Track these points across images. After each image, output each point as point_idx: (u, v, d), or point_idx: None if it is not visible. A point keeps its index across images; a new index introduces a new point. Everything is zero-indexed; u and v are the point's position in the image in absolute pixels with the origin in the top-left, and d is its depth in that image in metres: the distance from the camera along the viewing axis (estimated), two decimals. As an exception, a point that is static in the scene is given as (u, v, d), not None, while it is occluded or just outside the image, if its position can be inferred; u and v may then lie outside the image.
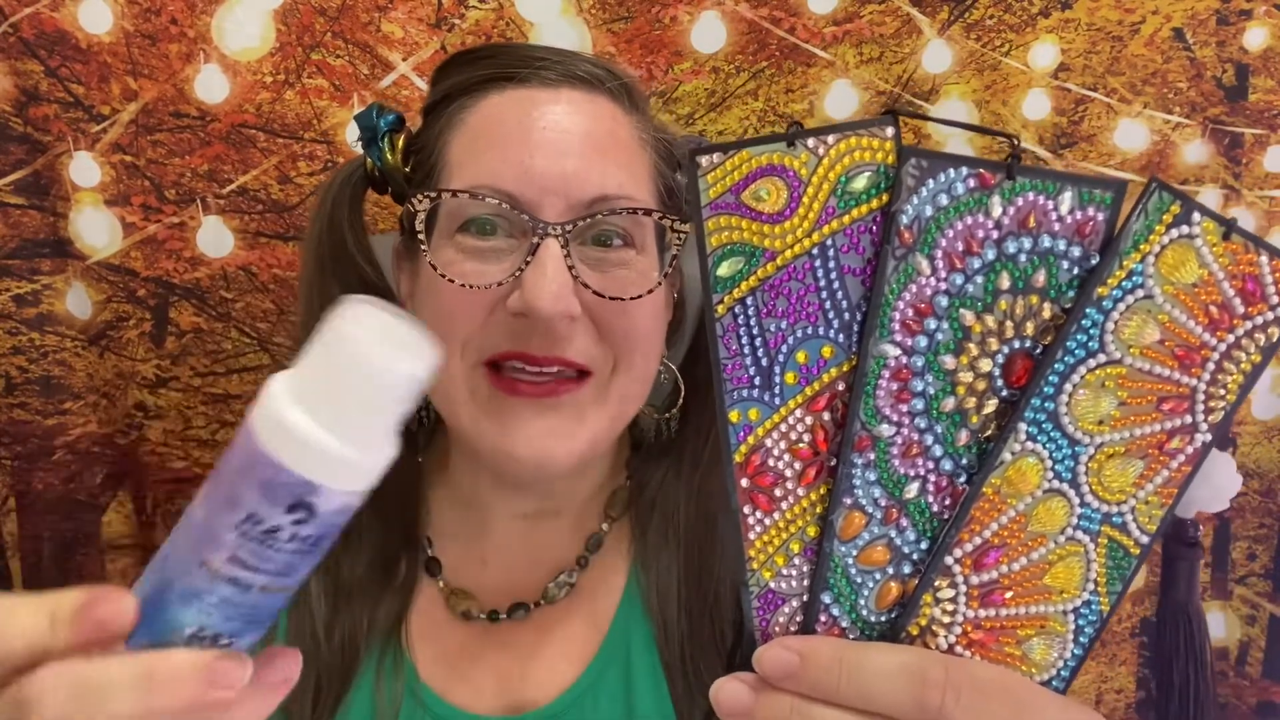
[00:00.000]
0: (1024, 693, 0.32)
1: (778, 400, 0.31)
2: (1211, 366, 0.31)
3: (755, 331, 0.31)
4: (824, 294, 0.31)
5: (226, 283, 0.93)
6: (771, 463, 0.32)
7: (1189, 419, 0.32)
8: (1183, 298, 0.31)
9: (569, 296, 0.51)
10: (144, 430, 0.96)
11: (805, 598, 0.32)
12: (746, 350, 0.31)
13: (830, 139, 0.30)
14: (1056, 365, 0.31)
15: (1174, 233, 0.31)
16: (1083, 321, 0.31)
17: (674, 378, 0.62)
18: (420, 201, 0.54)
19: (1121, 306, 0.31)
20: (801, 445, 0.31)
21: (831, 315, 0.31)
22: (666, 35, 0.91)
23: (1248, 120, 0.95)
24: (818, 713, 0.31)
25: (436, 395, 0.56)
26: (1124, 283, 0.31)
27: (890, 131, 0.31)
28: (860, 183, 0.30)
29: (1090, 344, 0.31)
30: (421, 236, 0.54)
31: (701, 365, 0.60)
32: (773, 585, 0.32)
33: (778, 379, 0.31)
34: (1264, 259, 0.31)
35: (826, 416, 0.31)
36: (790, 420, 0.31)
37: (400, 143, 0.58)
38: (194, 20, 0.87)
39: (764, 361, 0.31)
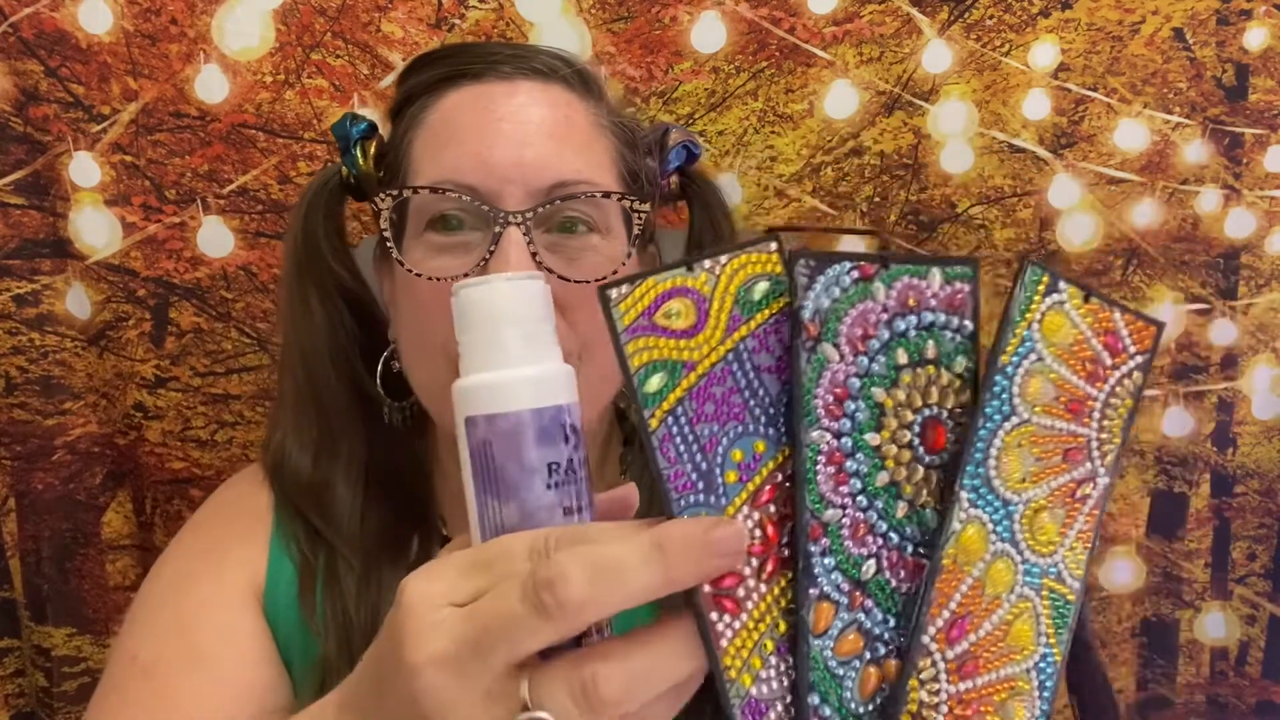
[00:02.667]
0: None
1: (724, 500, 0.31)
2: (1097, 414, 0.34)
3: (690, 438, 0.31)
4: (746, 393, 0.32)
5: (226, 283, 0.93)
6: None
7: (1089, 465, 0.34)
8: (1065, 356, 0.34)
9: None
10: (143, 431, 0.96)
11: (788, 699, 0.32)
12: (685, 457, 0.31)
13: (723, 259, 0.32)
14: (980, 431, 0.33)
15: (1049, 300, 0.34)
16: (994, 388, 0.33)
17: None
18: (384, 200, 0.55)
19: (1021, 370, 0.33)
20: (754, 541, 0.32)
21: (757, 412, 0.32)
22: (666, 35, 0.91)
23: (1248, 120, 0.95)
24: None
25: (421, 393, 0.57)
26: (1020, 349, 0.34)
27: (774, 247, 0.33)
28: (758, 292, 0.32)
29: (1004, 408, 0.33)
30: (387, 235, 0.55)
31: None
32: (754, 692, 0.31)
33: (719, 480, 0.31)
34: (1117, 315, 0.34)
35: (772, 509, 0.32)
36: (738, 519, 0.32)
37: (372, 149, 0.59)
38: (194, 20, 0.87)
39: (703, 465, 0.31)
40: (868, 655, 0.33)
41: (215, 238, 0.92)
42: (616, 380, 0.58)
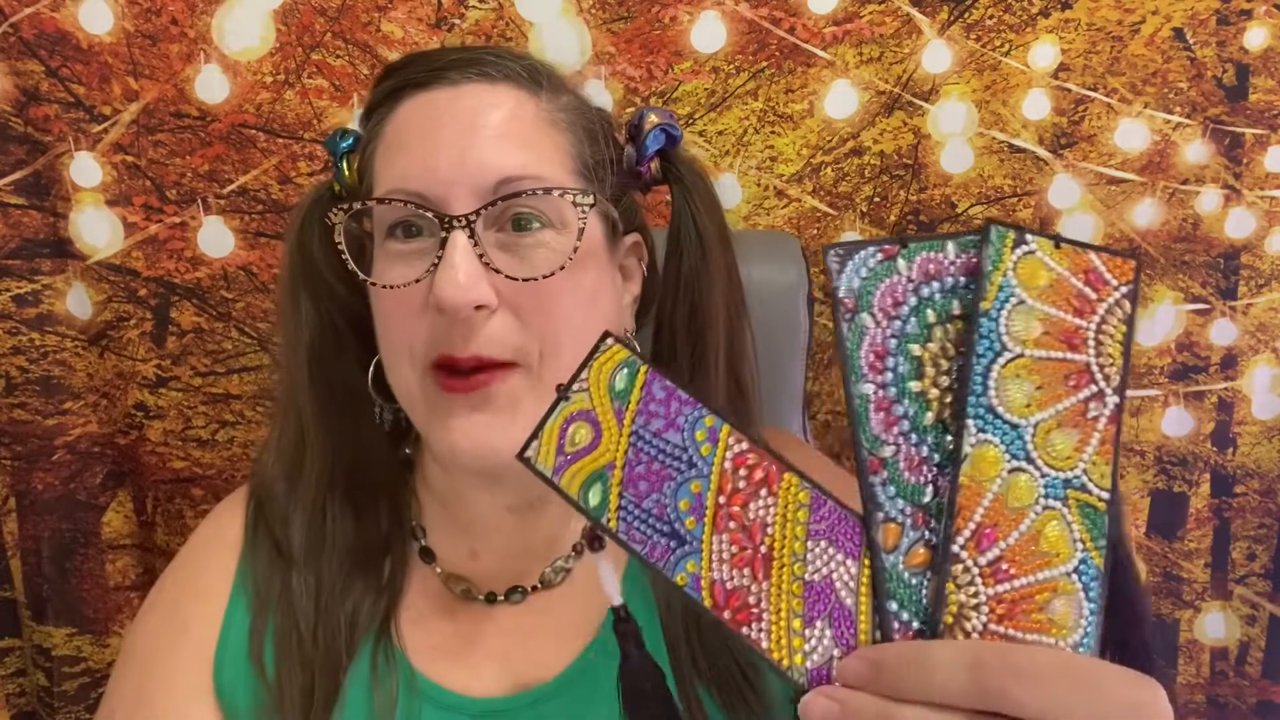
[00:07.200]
0: (1086, 669, 0.34)
1: (697, 542, 0.37)
2: (1092, 341, 0.38)
3: (644, 516, 0.38)
4: (661, 456, 0.38)
5: (227, 283, 0.93)
6: (730, 585, 0.37)
7: (1094, 387, 0.38)
8: (1045, 296, 0.38)
9: (477, 284, 0.52)
10: (144, 430, 0.96)
11: (836, 651, 0.36)
12: (651, 532, 0.37)
13: (583, 375, 0.40)
14: (976, 367, 0.37)
15: (1019, 252, 0.38)
16: (980, 330, 0.38)
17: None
18: (336, 215, 0.56)
19: (1005, 311, 0.38)
20: (738, 555, 0.37)
21: (677, 463, 0.38)
22: (666, 35, 0.91)
23: (1248, 120, 0.95)
24: (902, 713, 0.34)
25: (400, 399, 0.57)
26: (999, 295, 0.38)
27: (610, 342, 0.41)
28: (621, 380, 0.40)
29: (994, 346, 0.38)
30: (341, 247, 0.56)
31: (664, 335, 0.61)
32: (809, 664, 0.36)
33: (683, 530, 0.37)
34: (1092, 255, 0.38)
35: (734, 524, 0.37)
36: (715, 547, 0.37)
37: (356, 162, 0.60)
38: (194, 20, 0.87)
39: (665, 528, 0.37)
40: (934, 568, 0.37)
41: (216, 238, 0.92)
42: None
